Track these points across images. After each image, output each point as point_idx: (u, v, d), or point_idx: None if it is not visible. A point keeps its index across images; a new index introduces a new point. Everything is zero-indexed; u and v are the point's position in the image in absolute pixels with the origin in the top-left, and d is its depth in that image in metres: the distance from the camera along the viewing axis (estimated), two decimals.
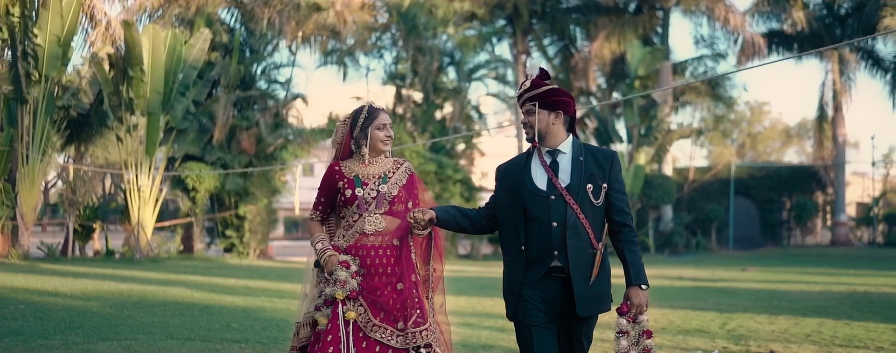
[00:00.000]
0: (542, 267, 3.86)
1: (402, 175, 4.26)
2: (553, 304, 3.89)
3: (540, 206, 3.87)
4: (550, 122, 3.96)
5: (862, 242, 34.54)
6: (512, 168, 4.07)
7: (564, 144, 3.99)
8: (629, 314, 3.89)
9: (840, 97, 32.38)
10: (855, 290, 14.13)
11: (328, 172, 4.28)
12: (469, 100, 29.63)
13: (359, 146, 4.21)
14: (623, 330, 3.89)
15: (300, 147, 24.19)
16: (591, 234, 3.85)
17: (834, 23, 32.45)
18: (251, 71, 24.23)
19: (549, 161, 3.96)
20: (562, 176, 3.92)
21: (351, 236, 4.16)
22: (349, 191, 4.15)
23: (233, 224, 23.29)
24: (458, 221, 4.12)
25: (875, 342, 8.06)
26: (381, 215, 4.16)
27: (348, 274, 4.03)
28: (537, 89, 3.99)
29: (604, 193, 3.91)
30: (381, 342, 4.01)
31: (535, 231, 3.86)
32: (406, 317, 4.04)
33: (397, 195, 4.19)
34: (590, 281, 3.84)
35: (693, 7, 32.13)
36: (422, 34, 26.27)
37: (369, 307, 4.03)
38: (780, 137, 54.67)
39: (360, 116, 4.24)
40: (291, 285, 14.31)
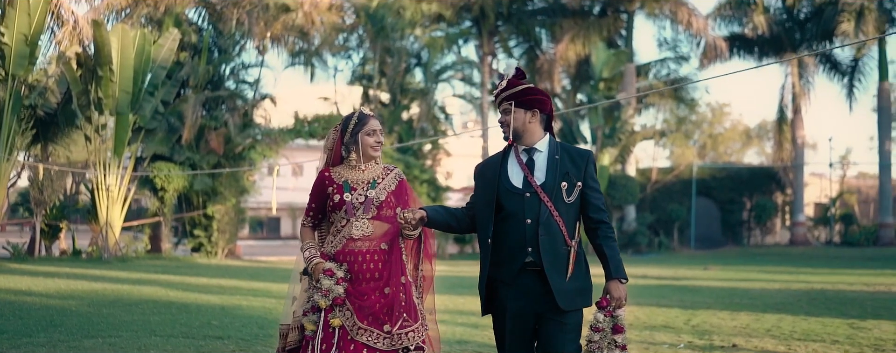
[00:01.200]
0: (516, 263, 3.89)
1: (392, 181, 4.28)
2: (530, 299, 3.91)
3: (515, 203, 3.91)
4: (527, 120, 4.00)
5: (819, 241, 35.29)
6: (488, 167, 4.11)
7: (541, 143, 4.03)
8: (608, 308, 3.93)
9: (799, 100, 33.09)
10: (812, 287, 14.60)
11: (318, 178, 4.30)
12: (436, 101, 29.90)
13: (349, 152, 4.23)
14: (599, 326, 3.93)
15: (268, 147, 24.29)
16: (565, 231, 3.88)
17: (793, 27, 33.16)
18: (220, 71, 24.30)
19: (525, 159, 4.00)
20: (537, 174, 3.95)
21: (339, 242, 4.18)
22: (337, 196, 4.18)
23: (201, 224, 23.36)
24: (446, 220, 4.14)
25: (831, 335, 8.44)
26: (369, 220, 4.17)
27: (332, 282, 4.04)
28: (513, 88, 4.01)
29: (577, 191, 3.94)
30: (368, 345, 4.01)
31: (510, 228, 3.90)
32: (393, 320, 4.04)
33: (385, 200, 4.20)
34: (567, 277, 3.87)
35: (656, 10, 32.65)
36: (390, 36, 26.47)
37: (356, 312, 4.04)
38: (740, 138, 55.47)
39: (350, 123, 4.26)
40: (264, 284, 14.49)
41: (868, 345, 7.80)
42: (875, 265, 21.49)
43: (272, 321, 9.24)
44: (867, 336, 8.38)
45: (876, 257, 25.47)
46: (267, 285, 14.08)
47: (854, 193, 40.71)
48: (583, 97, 34.37)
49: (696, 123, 49.25)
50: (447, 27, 31.76)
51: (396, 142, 27.12)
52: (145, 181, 23.13)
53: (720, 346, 7.81)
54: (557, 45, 32.42)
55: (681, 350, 7.59)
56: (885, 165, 32.58)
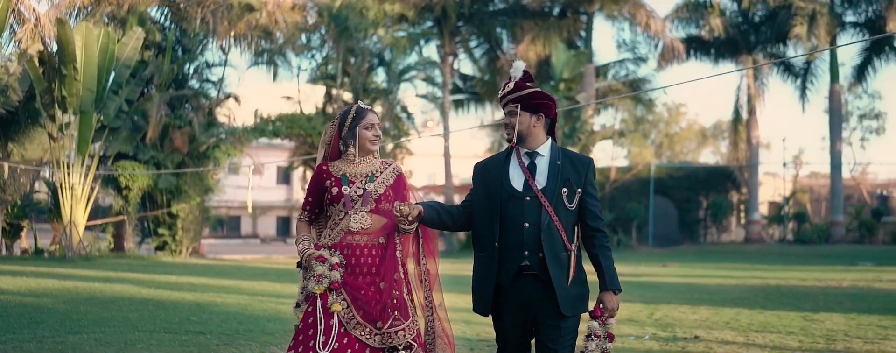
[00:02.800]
0: (512, 266, 3.90)
1: (390, 175, 4.26)
2: (527, 304, 3.93)
3: (514, 206, 3.90)
4: (532, 124, 3.98)
5: (773, 239, 36.13)
6: (489, 167, 4.09)
7: (543, 147, 4.01)
8: (601, 318, 3.97)
9: (754, 101, 33.86)
10: (767, 283, 15.14)
11: (316, 172, 4.29)
12: (399, 100, 30.13)
13: (347, 146, 4.22)
14: (595, 334, 3.97)
15: (232, 146, 24.36)
16: (564, 236, 3.89)
17: (748, 29, 33.92)
18: (184, 70, 24.33)
19: (527, 163, 3.98)
20: (538, 178, 3.94)
21: (336, 234, 4.16)
22: (335, 189, 4.17)
23: (165, 223, 23.38)
24: (441, 218, 4.11)
25: (786, 327, 8.88)
26: (368, 213, 4.15)
27: (326, 267, 4.03)
28: (521, 91, 3.98)
29: (578, 197, 3.95)
30: (360, 339, 4.02)
31: (508, 231, 3.90)
32: (384, 317, 4.05)
33: (384, 194, 4.19)
34: (568, 281, 3.89)
35: (615, 12, 33.20)
36: (353, 36, 26.67)
37: (351, 303, 4.03)
38: (695, 137, 56.34)
39: (347, 117, 4.25)
40: (234, 281, 14.66)
41: (821, 336, 8.25)
42: (826, 262, 22.17)
43: (250, 317, 9.47)
44: (820, 328, 8.83)
45: (827, 254, 26.22)
46: (237, 283, 14.26)
47: (806, 192, 41.66)
48: None
49: (653, 123, 50.00)
50: (409, 27, 32.01)
51: None
52: (109, 180, 23.09)
53: (683, 337, 8.19)
54: (518, 45, 32.83)
55: (646, 342, 7.96)
56: (837, 164, 33.48)
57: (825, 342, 7.90)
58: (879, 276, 16.83)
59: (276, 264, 21.81)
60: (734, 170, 36.39)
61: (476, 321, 9.12)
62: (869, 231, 33.71)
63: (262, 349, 7.24)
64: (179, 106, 23.87)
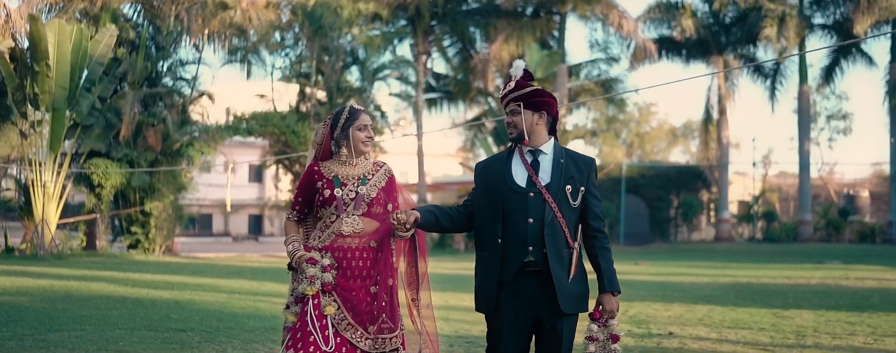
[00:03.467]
0: (515, 262, 3.88)
1: (382, 177, 4.23)
2: (528, 301, 3.90)
3: (518, 202, 3.89)
4: (534, 122, 3.97)
5: (743, 238, 36.58)
6: (492, 165, 4.08)
7: (546, 145, 4.00)
8: (601, 320, 3.96)
9: (725, 101, 34.26)
10: (738, 281, 15.39)
11: (307, 172, 4.23)
12: (372, 99, 30.17)
13: (339, 147, 4.18)
14: (594, 336, 3.95)
15: (206, 144, 24.29)
16: (567, 233, 3.89)
17: (719, 31, 34.33)
18: (157, 68, 24.23)
19: (530, 160, 3.97)
20: (542, 175, 3.93)
21: (327, 237, 4.11)
22: (328, 191, 4.11)
23: (138, 221, 23.28)
24: (440, 221, 4.07)
25: (758, 324, 9.08)
26: (360, 217, 4.11)
27: (317, 269, 3.99)
28: (522, 90, 3.98)
29: (581, 195, 3.95)
30: (351, 341, 3.99)
31: (511, 227, 3.88)
32: (375, 320, 4.04)
33: (376, 197, 4.16)
34: (569, 278, 3.89)
35: (588, 12, 33.44)
36: (328, 34, 26.68)
37: (342, 305, 4.01)
38: (666, 137, 56.86)
39: (340, 117, 4.20)
40: (210, 279, 14.66)
41: (791, 332, 8.45)
42: (795, 260, 22.51)
43: (229, 314, 9.51)
44: (790, 324, 9.03)
45: (795, 252, 26.61)
46: (214, 281, 14.27)
47: (775, 191, 42.19)
48: None
49: (624, 123, 50.44)
50: (383, 26, 32.06)
51: None
52: (81, 178, 22.95)
53: (657, 334, 8.36)
54: (491, 45, 32.98)
55: (622, 338, 8.10)
56: (805, 164, 33.98)
57: (795, 337, 8.09)
58: (846, 274, 17.15)
59: (251, 262, 21.80)
60: (705, 169, 36.82)
61: (455, 318, 9.25)
62: (836, 230, 34.24)
63: (243, 346, 7.31)
64: (153, 104, 23.77)
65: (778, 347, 7.53)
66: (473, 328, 8.65)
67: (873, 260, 22.07)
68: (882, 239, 33.31)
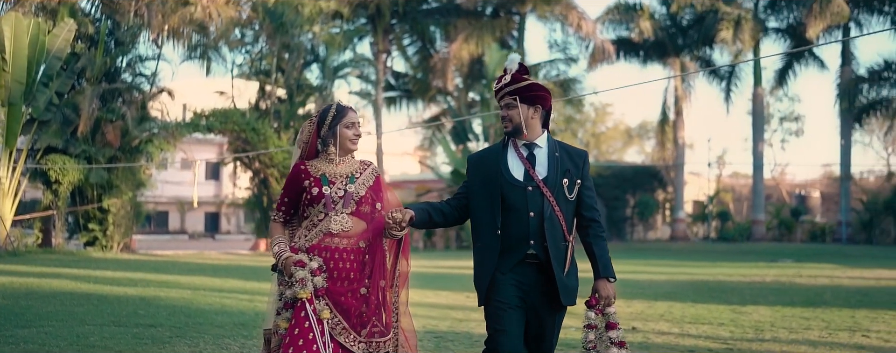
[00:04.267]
0: (517, 255, 3.88)
1: (369, 176, 4.15)
2: (526, 290, 3.89)
3: (517, 196, 3.89)
4: (530, 116, 3.96)
5: (697, 237, 37.17)
6: (486, 159, 4.05)
7: (541, 139, 4.00)
8: (597, 307, 3.93)
9: (681, 102, 34.79)
10: (695, 278, 15.71)
11: (293, 171, 4.13)
12: (332, 97, 30.13)
13: (326, 145, 4.09)
14: (591, 324, 3.94)
15: (166, 141, 24.11)
16: (564, 226, 3.90)
17: (676, 33, 34.85)
18: (116, 63, 23.99)
19: (525, 154, 3.97)
20: (538, 169, 3.93)
21: (315, 236, 4.02)
22: (316, 189, 4.02)
23: (96, 217, 23.05)
24: (432, 218, 4.07)
25: (717, 319, 9.32)
26: (348, 215, 4.02)
27: (307, 272, 3.87)
28: (518, 84, 3.96)
29: (577, 188, 3.97)
30: (344, 346, 3.91)
31: (512, 220, 3.88)
32: (366, 324, 3.97)
33: (364, 196, 4.07)
34: (565, 271, 3.90)
35: (547, 13, 33.75)
36: (289, 31, 26.62)
37: (334, 308, 3.93)
38: (621, 137, 57.51)
39: (328, 115, 4.11)
40: (172, 276, 14.62)
41: (750, 327, 8.69)
42: (749, 259, 22.99)
43: (196, 310, 9.52)
44: (748, 320, 9.29)
45: (749, 251, 27.16)
46: (176, 278, 14.22)
47: (729, 191, 42.92)
48: (475, 96, 35.27)
49: (580, 123, 50.93)
50: (343, 24, 32.05)
51: (292, 138, 27.34)
52: (38, 174, 22.67)
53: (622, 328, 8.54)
54: (451, 44, 33.16)
55: None
56: (759, 165, 34.64)
57: (754, 332, 8.33)
58: (799, 272, 17.59)
59: (211, 259, 21.71)
60: (661, 169, 37.34)
61: (420, 314, 9.36)
62: (788, 230, 34.96)
63: (215, 341, 7.34)
64: (111, 100, 23.53)
65: (738, 341, 7.75)
66: (440, 323, 8.78)
67: (824, 259, 22.65)
68: (832, 238, 34.11)
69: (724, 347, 7.39)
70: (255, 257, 23.71)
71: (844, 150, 34.03)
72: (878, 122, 36.49)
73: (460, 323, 8.90)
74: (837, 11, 30.24)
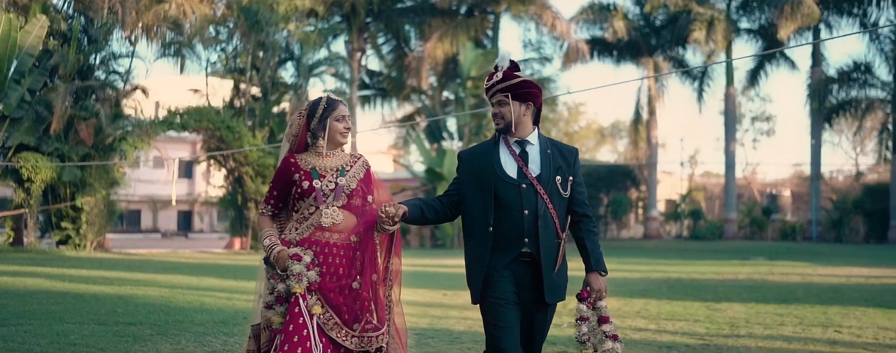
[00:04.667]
0: (511, 253, 3.88)
1: (360, 169, 4.13)
2: (519, 287, 3.89)
3: (512, 194, 3.89)
4: (522, 113, 3.96)
5: (670, 235, 37.48)
6: (478, 156, 4.05)
7: (532, 136, 4.00)
8: (589, 300, 3.93)
9: (654, 102, 35.08)
10: (669, 276, 15.88)
11: (283, 164, 4.10)
12: (308, 95, 30.07)
13: (316, 138, 4.07)
14: (583, 316, 3.93)
15: (140, 139, 23.95)
16: (557, 224, 3.91)
17: (650, 33, 35.13)
18: (90, 61, 23.81)
19: (518, 151, 3.97)
20: (531, 166, 3.93)
21: (305, 229, 4.00)
22: (306, 182, 4.00)
23: (68, 216, 22.86)
24: (425, 214, 4.04)
25: (692, 316, 9.45)
26: (339, 209, 4.01)
27: (303, 266, 3.86)
28: (510, 81, 3.96)
29: (570, 185, 3.98)
30: (336, 340, 3.88)
31: (506, 218, 3.88)
32: (358, 319, 3.93)
33: (355, 189, 4.06)
34: (555, 269, 3.90)
35: (522, 13, 33.90)
36: (264, 29, 26.53)
37: (326, 304, 3.90)
38: (594, 136, 57.87)
39: (318, 108, 4.10)
40: (148, 275, 14.57)
41: (725, 323, 8.83)
42: (721, 257, 23.25)
43: (175, 308, 9.52)
44: (723, 316, 9.43)
45: (721, 249, 27.44)
46: (152, 277, 14.18)
47: (701, 190, 43.31)
48: (449, 94, 35.35)
49: (553, 122, 51.23)
50: (318, 22, 32.00)
51: (268, 136, 27.29)
52: (9, 172, 22.45)
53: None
54: (426, 43, 33.20)
55: (565, 329, 8.37)
56: (730, 164, 34.99)
57: (729, 328, 8.47)
58: (771, 269, 17.83)
59: (185, 258, 21.62)
60: (634, 168, 37.61)
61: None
62: (759, 228, 35.34)
63: (197, 339, 7.35)
64: (85, 97, 23.33)
65: (714, 337, 7.88)
66: (420, 320, 8.83)
67: (795, 257, 22.94)
68: (802, 237, 34.53)
69: (701, 343, 7.51)
70: (230, 255, 23.64)
71: (815, 150, 34.45)
72: (846, 122, 36.96)
73: (439, 320, 8.97)
74: (808, 13, 30.60)
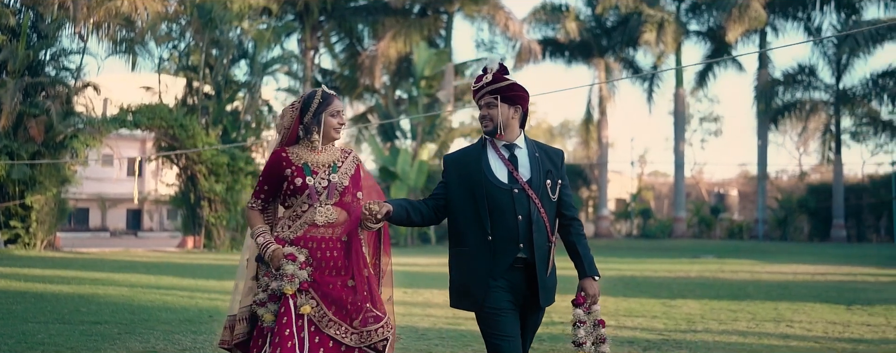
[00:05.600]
0: (507, 258, 3.81)
1: (351, 165, 4.08)
2: (516, 293, 3.84)
3: (504, 199, 3.83)
4: (510, 116, 3.93)
5: (621, 234, 37.99)
6: (465, 160, 3.99)
7: (520, 139, 3.97)
8: (585, 305, 3.92)
9: (605, 102, 35.56)
10: (623, 274, 16.18)
11: (274, 158, 4.01)
12: (261, 94, 29.95)
13: (309, 132, 4.00)
14: (581, 320, 3.90)
15: (91, 136, 23.66)
16: (549, 228, 3.87)
17: (601, 34, 35.60)
18: (40, 57, 23.47)
19: (506, 155, 3.93)
20: (522, 171, 3.89)
21: (299, 227, 3.93)
22: (299, 179, 3.93)
23: (18, 214, 22.52)
24: (410, 215, 3.96)
25: (650, 312, 9.71)
26: (333, 206, 3.95)
27: (296, 266, 3.80)
28: (499, 83, 3.93)
29: (559, 188, 3.95)
30: (335, 338, 3.81)
31: (499, 223, 3.82)
32: (358, 314, 3.86)
33: (347, 186, 4.01)
34: (547, 273, 3.87)
35: (475, 13, 34.13)
36: (218, 27, 26.37)
37: (321, 300, 3.83)
38: (544, 135, 58.31)
39: (312, 101, 4.01)
40: (105, 274, 14.47)
41: (682, 319, 9.09)
42: (672, 255, 23.70)
43: (139, 307, 9.51)
44: (679, 312, 9.70)
45: (672, 247, 27.92)
46: (109, 276, 14.08)
47: (650, 189, 43.97)
48: (402, 94, 35.44)
49: None
50: (272, 21, 31.87)
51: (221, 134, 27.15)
52: None
53: (559, 322, 8.85)
54: (379, 42, 33.26)
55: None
56: (680, 163, 35.59)
57: (686, 324, 8.73)
58: (721, 267, 18.26)
59: (139, 257, 21.42)
60: (585, 168, 38.07)
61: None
62: (708, 227, 36.03)
63: (166, 336, 7.38)
64: (35, 94, 23.00)
65: (672, 332, 8.12)
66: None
67: (743, 255, 23.49)
68: (749, 235, 35.27)
69: (661, 338, 7.74)
70: (184, 254, 23.47)
71: (761, 150, 35.21)
72: (791, 123, 37.82)
73: (403, 318, 9.08)
74: (755, 16, 31.29)
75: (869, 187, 35.70)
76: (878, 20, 31.49)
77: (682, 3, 35.25)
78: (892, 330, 8.33)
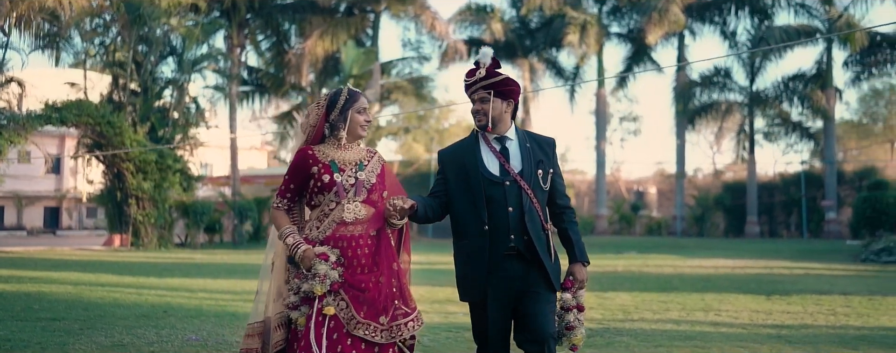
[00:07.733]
0: (501, 248, 3.90)
1: (377, 164, 4.08)
2: (510, 282, 3.91)
3: (496, 192, 3.91)
4: (503, 110, 4.01)
5: None
6: (459, 153, 4.08)
7: (510, 132, 4.04)
8: (572, 289, 4.02)
9: (529, 102, 36.29)
10: None
11: (300, 156, 3.99)
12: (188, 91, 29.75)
13: (335, 130, 3.99)
14: (569, 305, 4.01)
15: (16, 133, 23.23)
16: (542, 217, 3.97)
17: (526, 34, 36.33)
18: None
19: (498, 148, 4.01)
20: (513, 162, 3.97)
21: (328, 227, 3.91)
22: (326, 176, 3.91)
23: None
24: (426, 212, 4.02)
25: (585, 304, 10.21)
26: (361, 203, 3.94)
27: (328, 266, 3.77)
28: (492, 78, 3.99)
29: (550, 177, 4.03)
30: (365, 338, 3.78)
31: (493, 215, 3.91)
32: (387, 310, 3.86)
33: (375, 184, 4.01)
34: (552, 259, 3.96)
35: (401, 12, 34.48)
36: (147, 23, 26.15)
37: (351, 302, 3.79)
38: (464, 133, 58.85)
39: (339, 99, 4.02)
40: (40, 272, 14.39)
41: (618, 310, 9.64)
42: (595, 251, 24.40)
43: (91, 304, 9.61)
44: (613, 304, 10.25)
45: (594, 243, 28.72)
46: (48, 274, 14.02)
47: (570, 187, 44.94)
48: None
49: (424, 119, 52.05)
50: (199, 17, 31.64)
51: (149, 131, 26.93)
52: None
53: None
54: (306, 40, 33.33)
55: None
56: (601, 162, 36.55)
57: (622, 314, 9.27)
58: (645, 262, 19.02)
59: (67, 255, 21.20)
60: None
61: None
62: (628, 224, 37.08)
63: (128, 331, 7.53)
64: None
65: (610, 321, 8.64)
66: None
67: (664, 250, 24.41)
68: (668, 232, 36.45)
69: (600, 327, 8.25)
70: (111, 252, 23.24)
71: (679, 149, 36.42)
72: (707, 123, 39.17)
73: None
74: (674, 20, 32.39)
75: (780, 186, 37.28)
76: (789, 26, 32.85)
77: (603, 5, 36.23)
78: (810, 317, 9.01)
